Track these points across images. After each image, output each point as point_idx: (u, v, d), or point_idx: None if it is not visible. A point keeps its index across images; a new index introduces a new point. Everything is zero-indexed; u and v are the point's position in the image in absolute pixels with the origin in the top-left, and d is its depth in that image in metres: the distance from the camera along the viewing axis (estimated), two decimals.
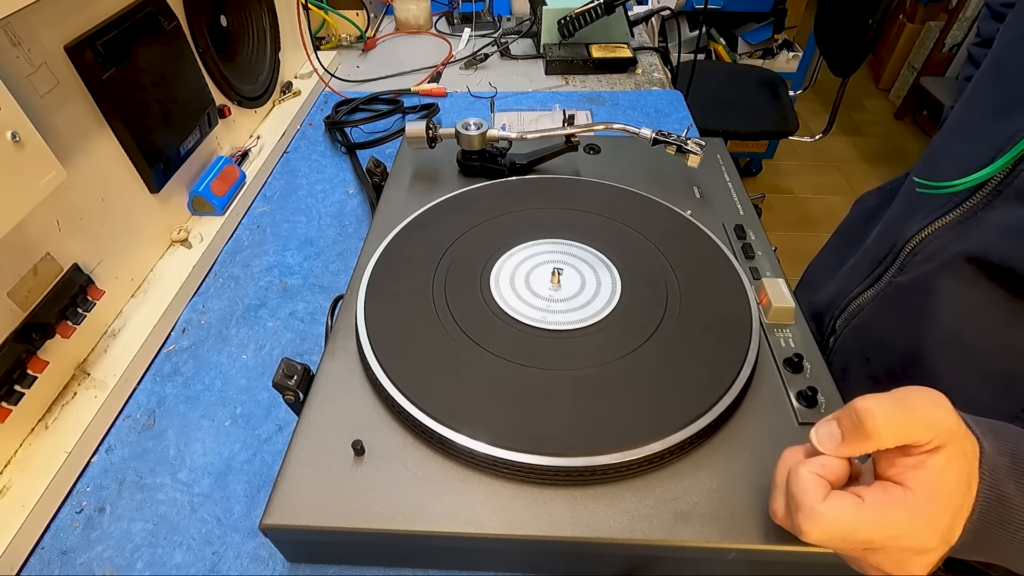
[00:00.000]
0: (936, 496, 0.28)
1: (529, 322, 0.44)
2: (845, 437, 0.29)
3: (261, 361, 0.56)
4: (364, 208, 0.73)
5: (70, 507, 0.45)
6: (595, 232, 0.53)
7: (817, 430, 0.30)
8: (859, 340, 0.50)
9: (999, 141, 0.40)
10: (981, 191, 0.42)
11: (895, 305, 0.48)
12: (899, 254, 0.48)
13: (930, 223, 0.46)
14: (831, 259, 0.61)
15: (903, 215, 0.50)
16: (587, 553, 0.36)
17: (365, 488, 0.36)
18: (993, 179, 0.41)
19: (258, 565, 0.42)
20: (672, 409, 0.38)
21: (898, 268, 0.48)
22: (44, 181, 0.43)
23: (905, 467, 0.28)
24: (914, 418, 0.28)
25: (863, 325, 0.50)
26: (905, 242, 0.48)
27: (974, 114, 0.46)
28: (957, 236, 0.44)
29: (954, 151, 0.46)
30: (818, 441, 0.30)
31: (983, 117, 0.44)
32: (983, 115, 0.44)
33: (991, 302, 0.42)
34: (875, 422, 0.27)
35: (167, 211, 0.64)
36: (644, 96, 0.96)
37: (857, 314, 0.51)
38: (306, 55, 0.95)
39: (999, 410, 0.41)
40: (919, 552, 0.29)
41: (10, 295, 0.44)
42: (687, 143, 0.56)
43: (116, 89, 0.53)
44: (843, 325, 0.52)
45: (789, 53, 2.33)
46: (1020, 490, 0.29)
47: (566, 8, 1.03)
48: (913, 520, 0.28)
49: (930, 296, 0.44)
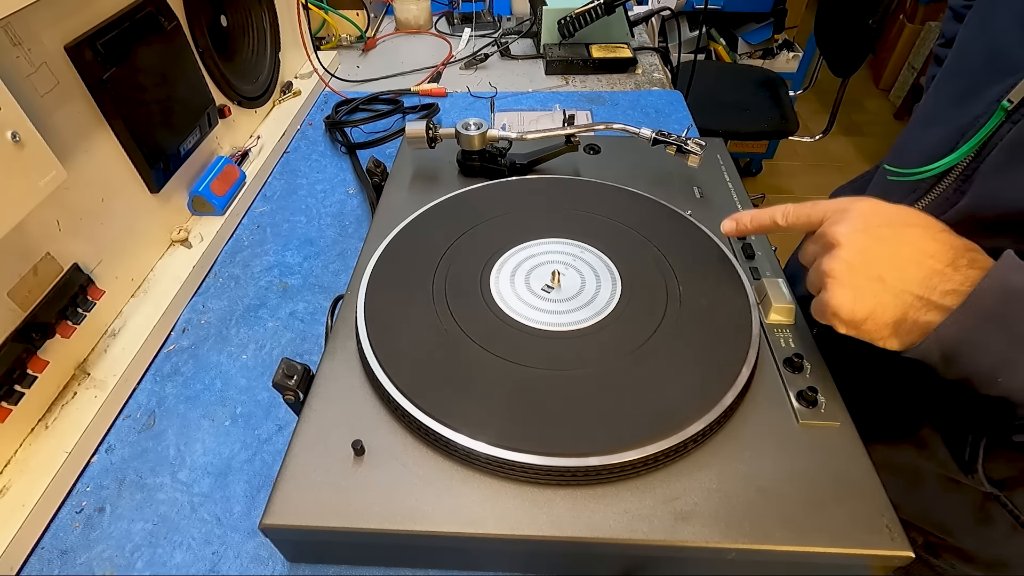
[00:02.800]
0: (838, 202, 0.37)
1: (529, 322, 0.44)
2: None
3: (261, 361, 0.56)
4: (364, 208, 0.73)
5: (70, 507, 0.45)
6: (595, 232, 0.53)
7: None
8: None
9: (960, 127, 0.42)
10: (949, 177, 0.43)
11: None
12: None
13: None
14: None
15: None
16: (587, 553, 0.36)
17: (365, 488, 0.36)
18: (959, 165, 0.42)
19: (258, 565, 0.42)
20: (672, 409, 0.38)
21: None
22: (44, 181, 0.43)
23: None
24: (804, 207, 0.39)
25: None
26: None
27: (938, 105, 0.47)
28: None
29: (920, 139, 0.47)
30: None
31: (946, 107, 0.45)
32: (946, 105, 0.45)
33: None
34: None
35: (167, 211, 0.64)
36: (644, 96, 0.96)
37: None
38: (306, 55, 0.95)
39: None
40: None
41: (10, 295, 0.44)
42: (687, 143, 0.56)
43: (116, 89, 0.53)
44: None
45: (789, 53, 2.33)
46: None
47: (566, 8, 1.03)
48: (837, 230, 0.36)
49: None
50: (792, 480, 0.36)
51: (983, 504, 0.45)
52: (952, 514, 0.47)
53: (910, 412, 0.49)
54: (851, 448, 0.38)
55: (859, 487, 0.36)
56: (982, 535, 0.46)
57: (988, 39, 0.43)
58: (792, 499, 0.35)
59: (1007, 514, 0.44)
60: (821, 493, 0.36)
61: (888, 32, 2.73)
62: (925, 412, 0.48)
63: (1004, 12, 0.41)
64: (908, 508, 0.48)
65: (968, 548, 0.47)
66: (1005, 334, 0.31)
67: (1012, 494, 0.44)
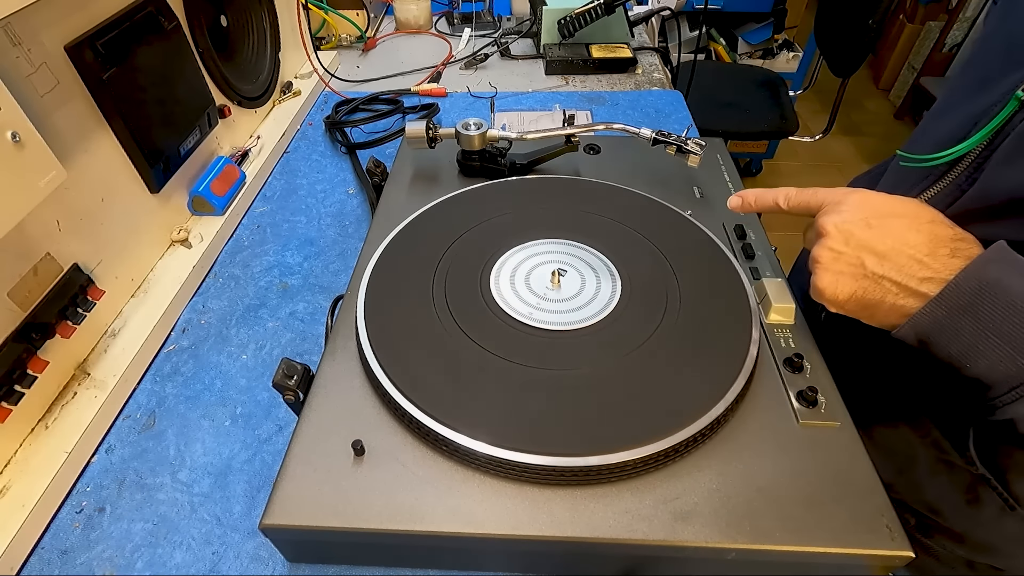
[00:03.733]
0: (850, 192, 0.39)
1: (529, 322, 0.44)
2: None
3: (261, 361, 0.56)
4: (364, 208, 0.73)
5: (70, 507, 0.45)
6: (595, 232, 0.53)
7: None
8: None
9: (974, 115, 0.42)
10: (961, 164, 0.44)
11: None
12: None
13: (913, 196, 0.47)
14: None
15: (890, 190, 0.51)
16: (587, 553, 0.36)
17: (365, 488, 0.36)
18: (972, 153, 0.43)
19: (258, 565, 0.42)
20: (672, 409, 0.38)
21: None
22: (44, 181, 0.43)
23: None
24: (806, 192, 0.41)
25: None
26: None
27: (956, 94, 0.48)
28: (941, 210, 0.45)
29: (935, 127, 0.48)
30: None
31: (962, 96, 0.46)
32: (962, 94, 0.46)
33: None
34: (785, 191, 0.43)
35: (167, 211, 0.64)
36: (644, 96, 0.96)
37: None
38: (306, 55, 0.95)
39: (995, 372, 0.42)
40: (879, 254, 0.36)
41: (10, 295, 0.44)
42: (687, 143, 0.56)
43: (116, 89, 0.53)
44: None
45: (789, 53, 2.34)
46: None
47: (566, 8, 1.03)
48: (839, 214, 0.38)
49: None
50: (792, 480, 0.36)
51: (974, 485, 0.46)
52: (943, 495, 0.48)
53: (908, 393, 0.49)
54: (851, 448, 0.38)
55: (859, 487, 0.36)
56: (972, 516, 0.47)
57: (1008, 30, 0.43)
58: (792, 499, 0.35)
59: (996, 496, 0.44)
60: (821, 493, 0.36)
61: (888, 32, 2.73)
62: (922, 393, 0.48)
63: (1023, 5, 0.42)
64: (901, 487, 0.49)
65: (959, 529, 0.48)
66: (975, 324, 0.33)
67: (1003, 477, 0.44)
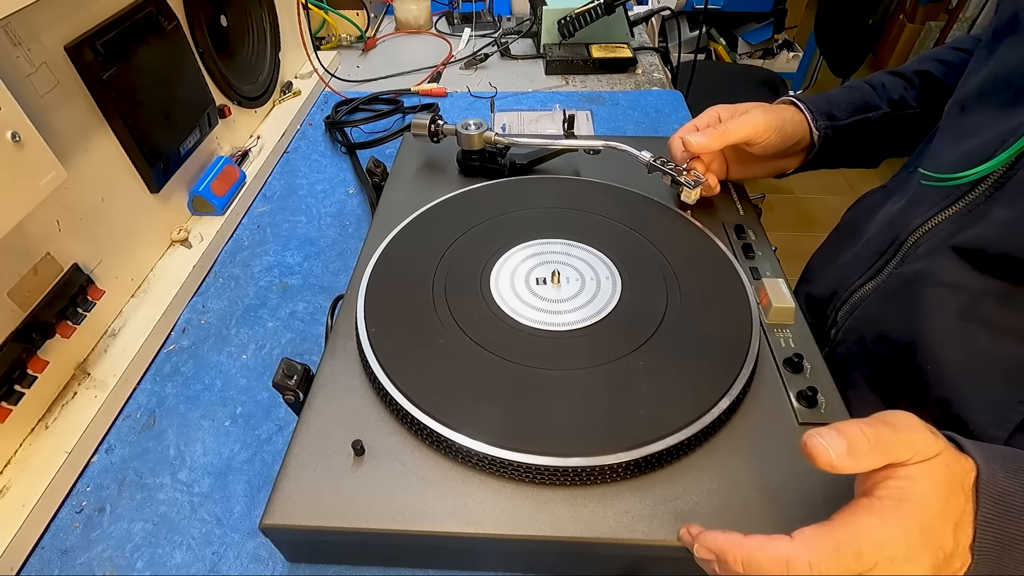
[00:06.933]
0: (904, 499, 0.28)
1: (529, 322, 0.44)
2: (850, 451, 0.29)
3: (261, 361, 0.56)
4: (364, 208, 0.73)
5: (70, 507, 0.45)
6: (595, 232, 0.53)
7: (827, 438, 0.29)
8: (861, 331, 0.51)
9: (1001, 135, 0.42)
10: (983, 184, 0.43)
11: (897, 296, 0.48)
12: (901, 246, 0.49)
13: (933, 215, 0.47)
14: (832, 253, 0.62)
15: (906, 207, 0.51)
16: (587, 553, 0.36)
17: (365, 488, 0.36)
18: (995, 173, 0.42)
19: (258, 565, 0.42)
20: (672, 409, 0.38)
21: (900, 259, 0.49)
22: (44, 181, 0.43)
23: (877, 480, 0.29)
24: (899, 436, 0.29)
25: (865, 316, 0.51)
26: (908, 234, 0.48)
27: (982, 114, 0.47)
28: (960, 228, 0.45)
29: (960, 146, 0.47)
30: (836, 455, 0.29)
31: (990, 116, 0.45)
32: (990, 114, 0.46)
33: (992, 293, 0.43)
34: (868, 442, 0.28)
35: (167, 211, 0.64)
36: (644, 96, 0.96)
37: (859, 305, 0.51)
38: (306, 55, 0.95)
39: (1000, 400, 0.41)
40: (908, 560, 0.28)
41: (10, 295, 0.44)
42: (681, 175, 0.55)
43: (116, 89, 0.53)
44: (845, 316, 0.53)
45: (789, 53, 2.34)
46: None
47: (566, 8, 1.03)
48: (885, 523, 0.28)
49: (932, 287, 0.45)
50: (792, 480, 0.36)
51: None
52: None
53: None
54: None
55: None
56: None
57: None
58: (792, 499, 0.35)
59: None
60: (821, 493, 0.36)
61: (888, 32, 2.73)
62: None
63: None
64: None
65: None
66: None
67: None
